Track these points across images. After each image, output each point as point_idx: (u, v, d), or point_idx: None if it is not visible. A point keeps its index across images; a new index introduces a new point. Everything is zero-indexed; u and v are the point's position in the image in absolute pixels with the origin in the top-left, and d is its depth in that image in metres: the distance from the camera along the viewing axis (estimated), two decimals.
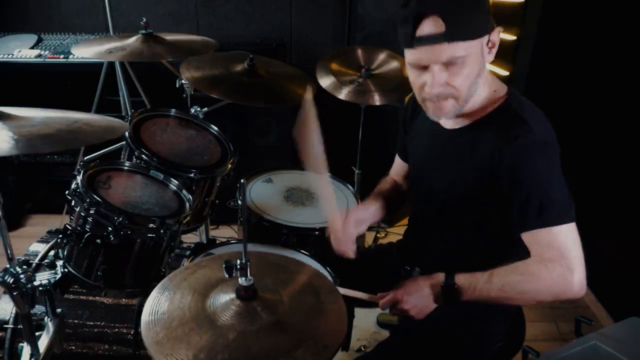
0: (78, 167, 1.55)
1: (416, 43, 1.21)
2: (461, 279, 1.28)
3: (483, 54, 1.25)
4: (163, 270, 1.62)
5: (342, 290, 1.39)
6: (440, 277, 1.30)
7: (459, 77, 1.24)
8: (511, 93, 1.33)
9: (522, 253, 1.31)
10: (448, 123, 1.40)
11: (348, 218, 1.50)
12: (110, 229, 1.39)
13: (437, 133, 1.43)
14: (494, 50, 1.27)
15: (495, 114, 1.30)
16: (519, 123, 1.25)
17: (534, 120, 1.25)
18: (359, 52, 2.44)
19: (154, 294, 1.12)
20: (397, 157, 1.73)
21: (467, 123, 1.35)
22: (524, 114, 1.26)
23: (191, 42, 2.11)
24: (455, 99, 1.28)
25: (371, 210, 1.60)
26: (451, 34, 1.17)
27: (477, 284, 1.26)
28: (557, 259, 1.19)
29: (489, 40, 1.25)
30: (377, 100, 2.25)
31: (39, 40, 3.08)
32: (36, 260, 1.67)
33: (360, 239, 2.09)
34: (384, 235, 3.18)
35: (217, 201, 1.93)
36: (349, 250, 1.49)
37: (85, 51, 1.95)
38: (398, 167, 1.73)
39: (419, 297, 1.31)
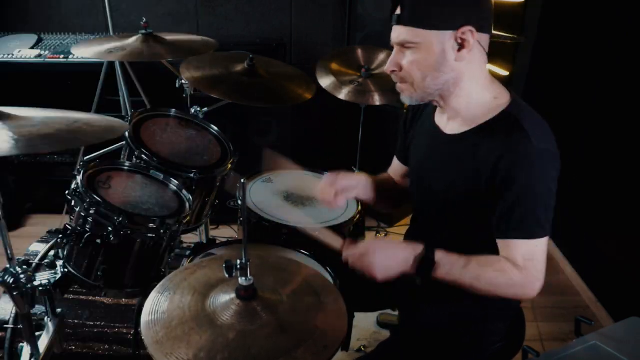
0: (78, 167, 1.55)
1: (392, 22, 1.30)
2: (439, 255, 1.29)
3: (445, 49, 1.25)
4: (163, 270, 1.62)
5: (314, 231, 1.43)
6: (419, 247, 1.30)
7: (410, 63, 1.29)
8: (513, 100, 1.32)
9: None
10: (448, 127, 1.41)
11: (339, 180, 1.55)
12: (110, 229, 1.39)
13: (438, 137, 1.43)
14: (467, 52, 1.25)
15: (496, 121, 1.30)
16: (519, 132, 1.24)
17: (534, 130, 1.25)
18: (359, 52, 2.45)
19: (154, 294, 1.12)
20: (395, 158, 1.73)
21: (468, 129, 1.35)
22: (525, 123, 1.26)
23: (191, 42, 2.11)
24: (411, 85, 1.33)
25: (360, 181, 1.61)
26: (404, 18, 1.26)
27: (453, 266, 1.28)
28: (529, 268, 1.26)
29: (457, 38, 1.24)
30: (377, 100, 2.26)
31: (39, 40, 3.08)
32: (36, 260, 1.67)
33: (360, 239, 2.09)
34: (384, 235, 3.18)
35: (217, 201, 1.93)
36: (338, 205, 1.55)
37: (85, 51, 1.95)
38: (395, 168, 1.73)
39: (388, 256, 1.30)
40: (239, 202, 1.87)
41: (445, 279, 1.29)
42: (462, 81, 1.31)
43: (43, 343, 1.41)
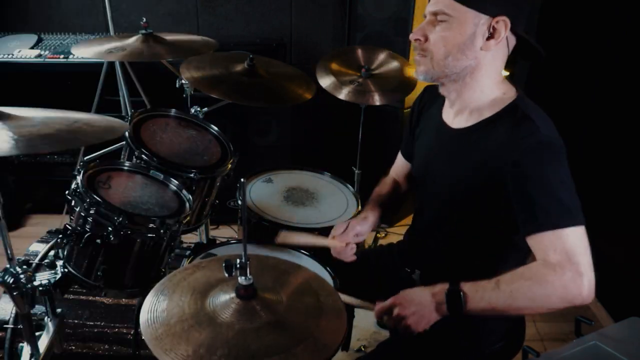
0: (78, 167, 1.55)
1: None
2: (466, 286, 1.21)
3: (475, 33, 1.25)
4: (163, 270, 1.62)
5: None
6: (443, 286, 1.24)
7: (438, 37, 1.28)
8: (520, 95, 1.33)
9: (523, 255, 1.32)
10: (455, 122, 1.41)
11: (347, 232, 1.54)
12: (110, 229, 1.39)
13: (444, 131, 1.43)
14: (494, 42, 1.25)
15: (503, 114, 1.30)
16: (527, 123, 1.24)
17: (541, 122, 1.25)
18: (359, 52, 2.44)
19: (152, 292, 1.12)
20: (399, 155, 1.73)
21: (475, 122, 1.35)
22: (532, 115, 1.26)
23: (191, 42, 2.11)
24: (430, 60, 1.31)
25: (370, 223, 1.60)
26: None
27: (483, 291, 1.20)
28: (565, 263, 1.15)
29: (490, 25, 1.24)
30: (377, 100, 2.25)
31: (39, 40, 3.08)
32: (36, 260, 1.67)
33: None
34: (384, 235, 3.18)
35: (217, 201, 1.93)
36: (349, 257, 1.54)
37: (85, 51, 1.94)
38: (399, 166, 1.73)
39: (418, 305, 1.24)
40: (239, 202, 1.87)
41: (482, 309, 1.20)
42: (478, 73, 1.31)
43: (43, 343, 1.41)
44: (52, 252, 1.63)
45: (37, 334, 1.40)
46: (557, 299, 1.17)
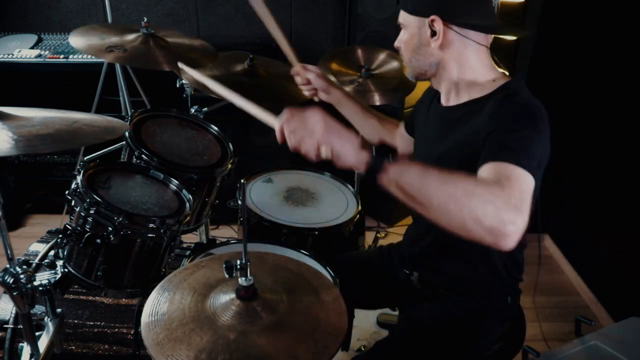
0: (78, 167, 1.55)
1: None
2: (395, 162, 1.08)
3: (421, 34, 1.33)
4: (163, 270, 1.62)
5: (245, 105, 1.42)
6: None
7: (402, 42, 1.42)
8: (514, 79, 1.35)
9: (520, 249, 1.33)
10: (446, 100, 1.44)
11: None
12: (110, 229, 1.39)
13: (435, 110, 1.49)
14: (437, 39, 1.30)
15: (493, 94, 1.32)
16: (512, 97, 1.27)
17: (527, 98, 1.28)
18: (359, 52, 2.44)
19: (153, 294, 1.12)
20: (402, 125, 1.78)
21: (463, 101, 1.38)
22: (522, 92, 1.29)
23: (192, 52, 2.07)
24: (405, 62, 1.44)
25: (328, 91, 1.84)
26: (400, 0, 1.39)
27: (407, 171, 1.06)
28: (514, 193, 1.01)
29: (430, 25, 1.30)
30: (377, 100, 2.25)
31: (39, 40, 3.08)
32: (36, 260, 1.67)
33: (360, 239, 2.10)
34: (384, 235, 3.18)
35: (217, 201, 1.93)
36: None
37: (81, 41, 1.86)
38: (400, 132, 1.80)
39: (340, 135, 1.13)
40: (239, 202, 1.87)
41: (402, 189, 1.05)
42: (449, 65, 1.37)
43: (43, 343, 1.41)
44: (52, 252, 1.63)
45: (37, 334, 1.40)
46: (491, 212, 0.98)
